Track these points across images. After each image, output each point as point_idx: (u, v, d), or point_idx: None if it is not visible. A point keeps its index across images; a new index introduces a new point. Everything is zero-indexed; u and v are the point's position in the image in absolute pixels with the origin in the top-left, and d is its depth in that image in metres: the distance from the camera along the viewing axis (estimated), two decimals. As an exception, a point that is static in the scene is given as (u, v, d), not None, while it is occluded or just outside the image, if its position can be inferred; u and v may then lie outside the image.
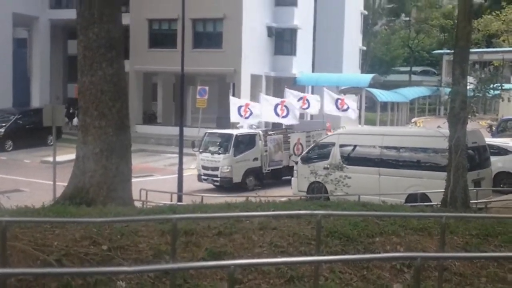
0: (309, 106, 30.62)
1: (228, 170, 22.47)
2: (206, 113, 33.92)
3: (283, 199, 13.78)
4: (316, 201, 11.81)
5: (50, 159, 19.85)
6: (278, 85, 41.49)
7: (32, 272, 5.60)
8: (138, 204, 14.14)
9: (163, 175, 25.93)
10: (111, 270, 5.99)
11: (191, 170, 25.63)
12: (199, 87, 33.53)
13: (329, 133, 28.49)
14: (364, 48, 58.30)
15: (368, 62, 62.87)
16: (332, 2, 48.24)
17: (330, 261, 7.27)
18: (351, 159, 19.12)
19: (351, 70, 50.05)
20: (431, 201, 15.68)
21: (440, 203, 12.45)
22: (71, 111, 37.83)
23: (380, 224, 8.98)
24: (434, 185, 15.49)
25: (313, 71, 45.98)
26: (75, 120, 33.83)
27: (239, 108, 27.08)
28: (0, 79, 36.58)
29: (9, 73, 37.49)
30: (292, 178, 20.12)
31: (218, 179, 22.60)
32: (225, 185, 22.52)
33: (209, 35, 37.34)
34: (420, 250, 8.38)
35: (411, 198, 16.87)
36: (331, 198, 15.53)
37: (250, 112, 26.93)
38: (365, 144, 19.51)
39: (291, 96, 30.31)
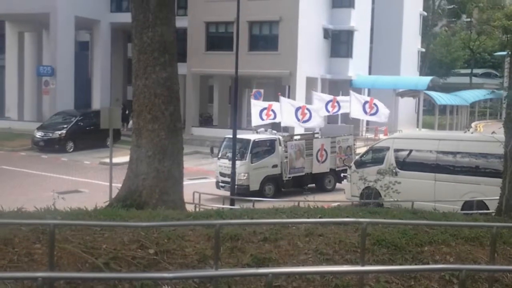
0: (339, 109, 29.49)
1: (245, 177, 21.41)
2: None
3: (334, 204, 13.70)
4: (365, 207, 11.67)
5: (109, 160, 20.34)
6: (334, 87, 41.22)
7: (78, 277, 5.78)
8: (190, 207, 14.31)
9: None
10: (154, 276, 6.11)
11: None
12: (254, 90, 33.68)
13: (384, 137, 28.14)
14: (423, 49, 57.17)
15: (427, 64, 61.62)
16: (390, 3, 47.58)
17: (375, 272, 7.17)
18: (406, 164, 18.85)
19: (409, 73, 49.21)
20: (488, 209, 15.25)
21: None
22: (126, 112, 38.64)
23: (430, 233, 8.79)
24: (492, 192, 15.05)
25: (369, 74, 45.46)
26: (131, 123, 34.52)
27: (261, 111, 26.01)
28: (63, 81, 37.73)
29: (71, 75, 38.59)
30: (345, 183, 19.95)
31: (235, 186, 21.03)
32: (242, 193, 21.22)
33: (265, 38, 37.45)
34: (471, 260, 8.17)
35: (468, 205, 16.45)
36: (385, 204, 15.31)
37: (274, 115, 26.01)
38: (421, 148, 19.18)
39: (318, 100, 29.32)
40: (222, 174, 21.99)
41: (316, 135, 25.26)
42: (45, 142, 32.70)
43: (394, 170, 17.82)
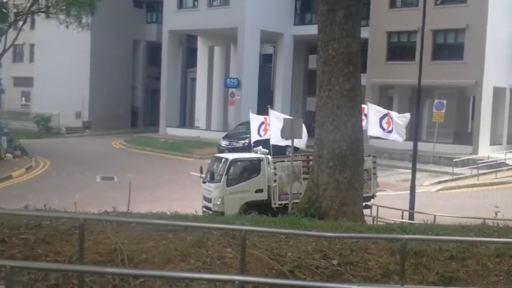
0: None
1: (219, 202, 18.12)
2: (442, 128, 32.76)
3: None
4: None
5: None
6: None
7: (269, 282, 6.05)
8: (368, 219, 14.21)
9: (394, 191, 25.57)
10: (340, 287, 6.16)
11: (424, 187, 24.81)
12: (436, 101, 32.55)
13: None
14: None
15: None
16: None
17: None
18: None
19: None
20: None
21: None
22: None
23: None
24: None
25: None
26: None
27: (260, 126, 22.41)
28: (248, 93, 39.47)
29: (255, 87, 40.24)
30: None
31: (212, 212, 18.07)
32: None
33: (450, 46, 35.98)
34: None
35: None
36: None
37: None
38: None
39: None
40: (204, 198, 19.13)
41: None
42: (230, 151, 34.23)
43: None
